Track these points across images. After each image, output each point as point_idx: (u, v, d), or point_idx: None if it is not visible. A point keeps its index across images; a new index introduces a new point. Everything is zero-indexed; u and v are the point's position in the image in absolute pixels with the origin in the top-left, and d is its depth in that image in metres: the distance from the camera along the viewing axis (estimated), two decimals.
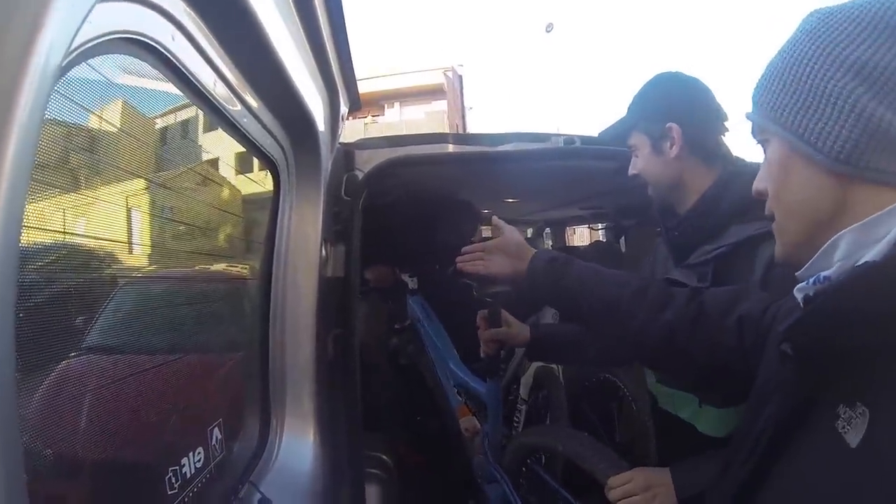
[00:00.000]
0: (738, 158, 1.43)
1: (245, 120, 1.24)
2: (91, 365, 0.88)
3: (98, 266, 0.95)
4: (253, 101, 1.25)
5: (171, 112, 1.07)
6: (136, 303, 1.06)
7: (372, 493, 2.20)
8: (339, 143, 1.89)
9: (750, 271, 1.24)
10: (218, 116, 1.15)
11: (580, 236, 8.82)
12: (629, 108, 1.50)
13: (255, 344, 1.48)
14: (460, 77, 22.42)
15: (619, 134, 1.54)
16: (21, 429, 0.56)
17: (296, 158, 1.53)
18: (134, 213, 1.06)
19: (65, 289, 0.84)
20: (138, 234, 1.05)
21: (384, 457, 2.51)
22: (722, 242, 1.30)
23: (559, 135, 2.01)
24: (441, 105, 19.98)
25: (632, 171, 1.50)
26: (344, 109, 1.68)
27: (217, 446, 1.15)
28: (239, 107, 1.20)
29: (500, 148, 1.96)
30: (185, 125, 1.14)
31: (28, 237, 0.66)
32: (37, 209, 0.70)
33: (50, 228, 0.75)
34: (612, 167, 2.16)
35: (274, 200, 1.50)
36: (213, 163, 1.31)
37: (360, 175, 1.88)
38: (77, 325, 0.85)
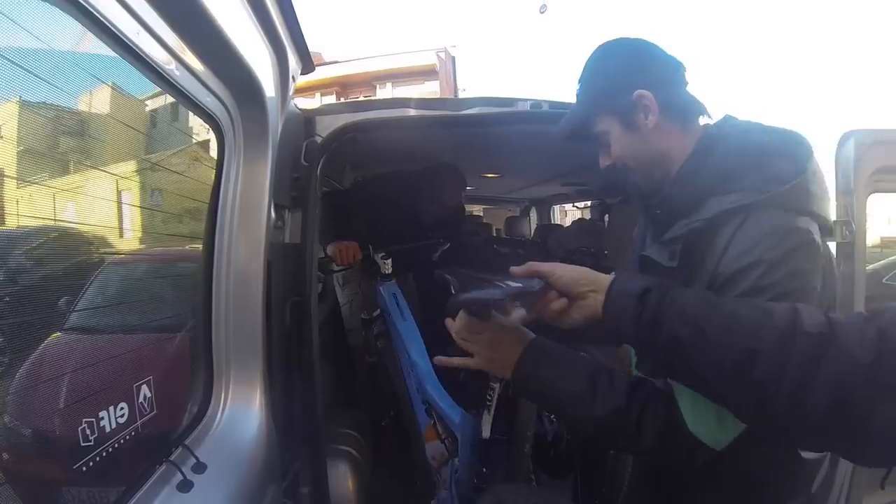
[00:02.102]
0: (728, 116, 1.26)
1: (178, 73, 1.19)
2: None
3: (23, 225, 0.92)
4: (185, 55, 1.19)
5: (83, 59, 1.02)
6: (66, 259, 1.03)
7: (340, 470, 2.17)
8: (300, 109, 1.85)
9: (712, 249, 1.10)
10: (145, 68, 1.10)
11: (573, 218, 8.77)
12: (580, 95, 1.31)
13: (195, 308, 1.44)
14: (453, 58, 22.25)
15: (578, 127, 1.31)
16: None
17: (242, 118, 1.47)
18: (63, 177, 1.03)
19: None
20: (68, 194, 1.02)
21: (358, 435, 2.47)
22: (696, 217, 1.14)
23: (525, 100, 1.95)
24: (433, 86, 19.81)
25: (606, 162, 1.29)
26: (295, 69, 1.62)
27: (145, 404, 1.12)
28: (168, 59, 1.15)
29: (465, 112, 1.91)
30: (102, 75, 1.08)
31: None
32: None
33: None
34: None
35: (219, 161, 1.45)
36: (143, 119, 1.26)
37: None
38: None
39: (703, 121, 1.26)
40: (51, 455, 0.98)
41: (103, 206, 1.11)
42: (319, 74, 19.37)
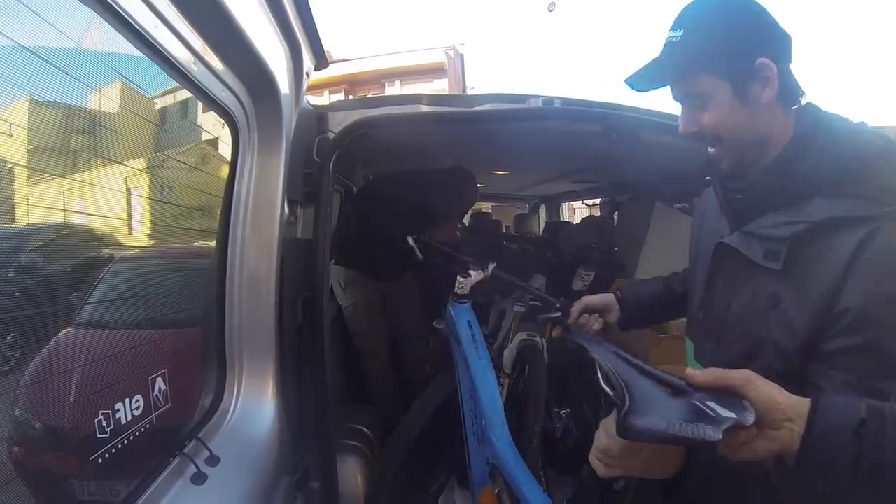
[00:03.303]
0: (813, 104, 1.12)
1: (194, 67, 1.20)
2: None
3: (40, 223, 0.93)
4: (201, 50, 1.20)
5: (101, 52, 1.02)
6: (83, 253, 1.04)
7: (350, 465, 2.18)
8: (313, 106, 1.86)
9: (827, 262, 0.97)
10: (162, 62, 1.10)
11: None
12: (684, 44, 1.10)
13: (209, 304, 1.45)
14: (462, 56, 22.20)
15: (677, 79, 1.15)
16: None
17: (257, 113, 1.48)
18: (83, 172, 1.03)
19: None
20: (85, 189, 1.03)
21: (367, 430, 2.48)
22: (800, 217, 1.02)
23: (537, 96, 1.95)
24: (442, 84, 19.75)
25: (692, 128, 1.14)
26: (309, 66, 1.63)
27: (160, 397, 1.13)
28: (185, 53, 1.15)
29: (477, 108, 1.90)
30: (119, 68, 1.08)
31: None
32: None
33: None
34: (593, 129, 2.12)
35: (233, 156, 1.46)
36: (159, 114, 1.26)
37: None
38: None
39: None
40: (68, 447, 0.99)
41: (120, 201, 1.12)
42: (328, 73, 19.38)
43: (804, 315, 0.99)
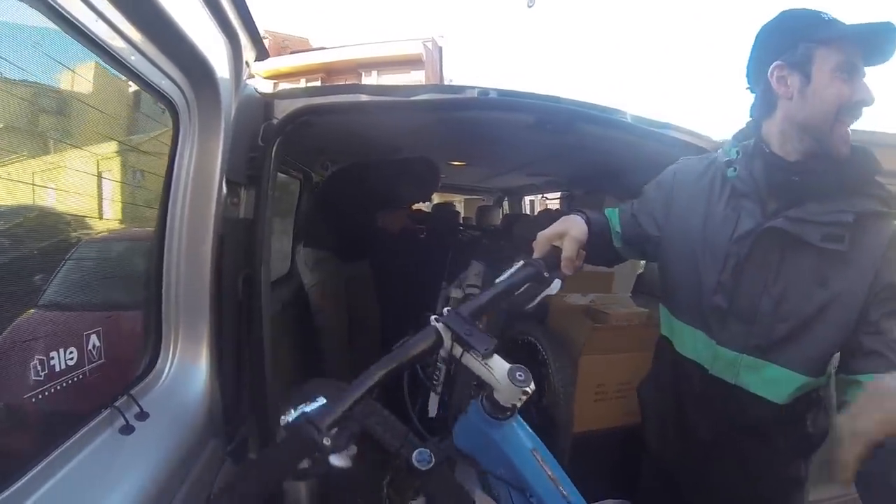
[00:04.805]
0: None
1: (133, 58, 1.29)
2: None
3: None
4: (142, 42, 1.30)
5: (47, 47, 1.08)
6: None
7: None
8: (260, 93, 1.95)
9: (873, 246, 1.22)
10: (103, 54, 1.20)
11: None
12: None
13: (148, 277, 1.56)
14: (440, 48, 22.17)
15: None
16: None
17: (197, 100, 1.58)
18: (24, 159, 1.11)
19: None
20: (28, 175, 1.11)
21: None
22: (847, 207, 1.22)
23: (473, 87, 2.05)
24: (419, 76, 19.72)
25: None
26: (249, 55, 1.73)
27: (94, 352, 1.22)
28: (124, 44, 1.25)
29: (414, 98, 2.01)
30: (66, 62, 1.16)
31: None
32: None
33: None
34: (528, 120, 2.22)
35: (174, 140, 1.56)
36: (98, 100, 1.33)
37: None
38: None
39: None
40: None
41: (68, 182, 1.20)
42: (306, 60, 19.32)
43: (860, 289, 1.21)
